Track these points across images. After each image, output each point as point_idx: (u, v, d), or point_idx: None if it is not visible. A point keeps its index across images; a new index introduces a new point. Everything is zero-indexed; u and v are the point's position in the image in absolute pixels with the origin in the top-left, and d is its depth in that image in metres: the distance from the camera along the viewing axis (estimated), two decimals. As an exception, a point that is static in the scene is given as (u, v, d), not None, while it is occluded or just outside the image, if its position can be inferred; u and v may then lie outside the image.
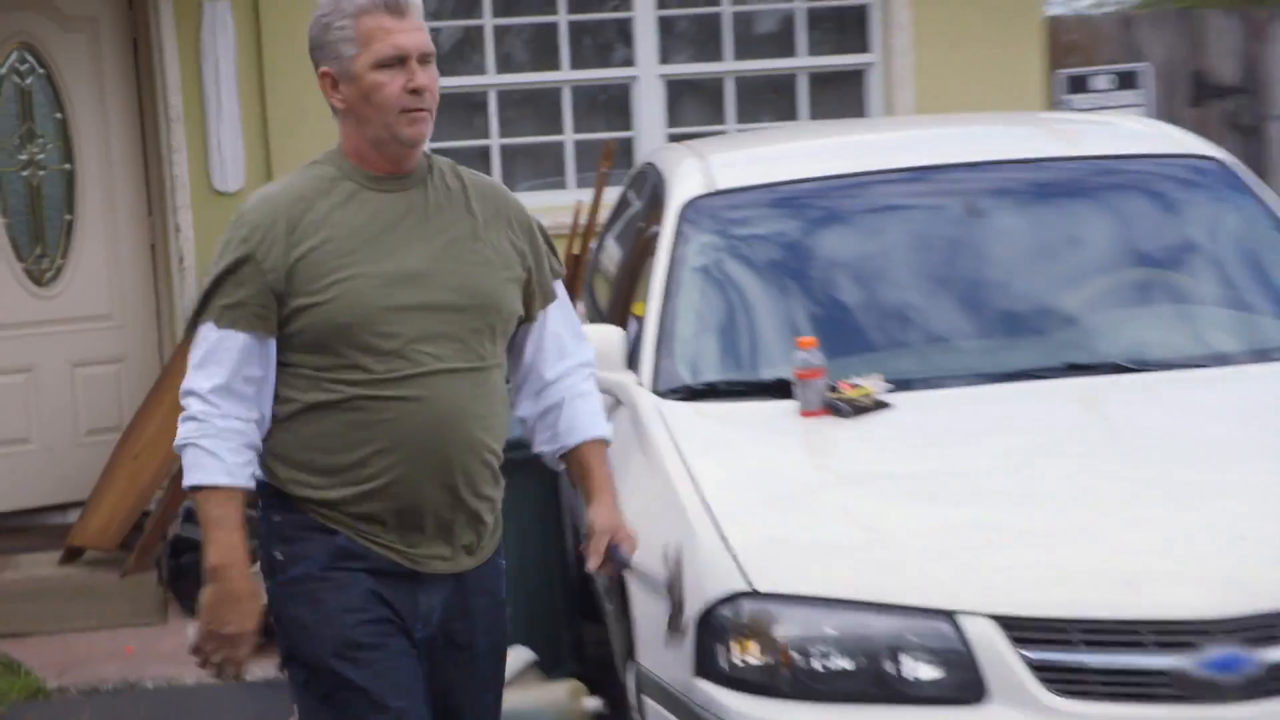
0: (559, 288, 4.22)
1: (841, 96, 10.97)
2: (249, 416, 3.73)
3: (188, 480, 3.74)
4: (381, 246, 3.78)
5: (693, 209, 6.41)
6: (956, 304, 6.20)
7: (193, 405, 3.69)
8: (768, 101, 11.06)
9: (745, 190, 6.52)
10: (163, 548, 8.85)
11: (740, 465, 5.39)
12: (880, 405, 5.48)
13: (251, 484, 3.79)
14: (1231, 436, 5.40)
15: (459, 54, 11.01)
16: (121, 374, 10.17)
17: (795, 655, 4.57)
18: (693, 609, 4.71)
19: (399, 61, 3.73)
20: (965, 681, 4.48)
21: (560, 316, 4.21)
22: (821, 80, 11.09)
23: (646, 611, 5.05)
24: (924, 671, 4.52)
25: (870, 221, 6.52)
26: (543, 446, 4.29)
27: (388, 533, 3.81)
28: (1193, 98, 12.11)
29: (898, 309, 6.20)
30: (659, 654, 4.96)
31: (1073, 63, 11.75)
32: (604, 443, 4.21)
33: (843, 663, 4.57)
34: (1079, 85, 11.61)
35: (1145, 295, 6.42)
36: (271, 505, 3.88)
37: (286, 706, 6.43)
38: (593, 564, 4.26)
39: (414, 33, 3.79)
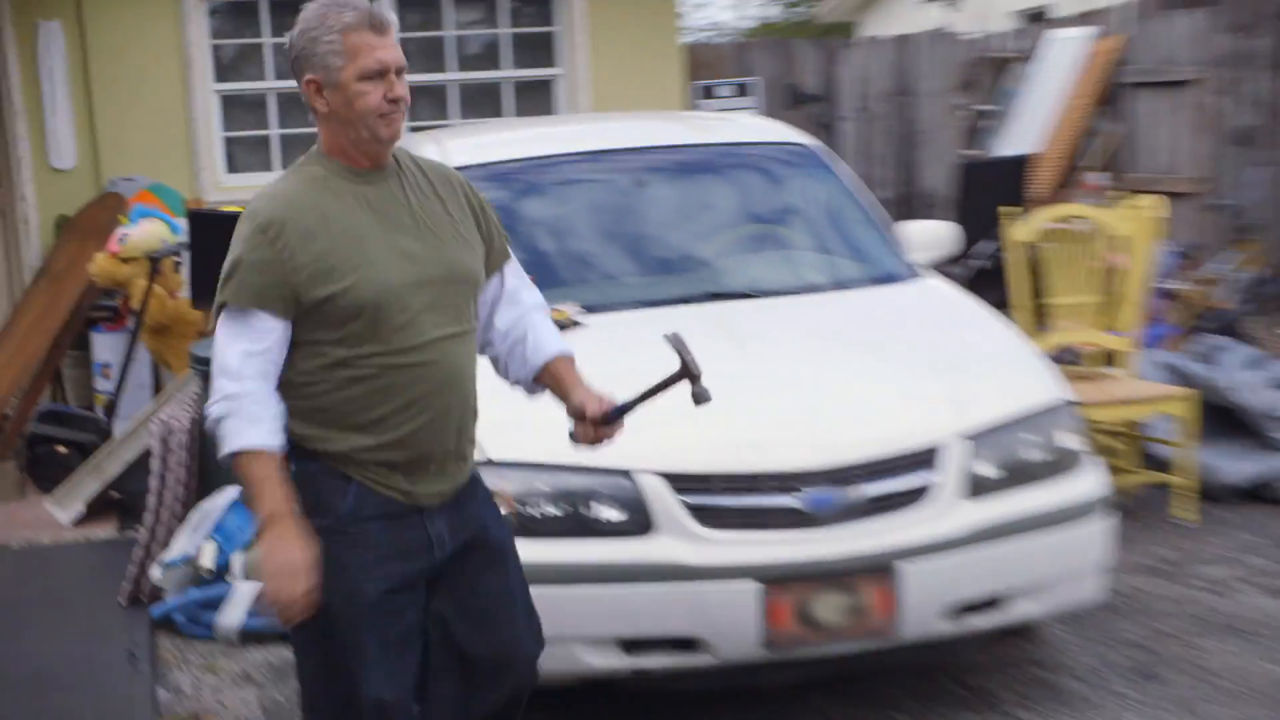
0: (507, 247, 4.20)
1: (536, 100, 11.38)
2: (271, 386, 3.65)
3: (231, 447, 3.62)
4: (381, 233, 3.75)
5: None
6: (627, 251, 6.67)
7: (226, 383, 3.62)
8: (481, 103, 11.42)
9: (472, 166, 6.35)
10: (20, 443, 9.08)
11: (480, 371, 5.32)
12: (575, 324, 5.86)
13: (284, 445, 3.69)
14: (821, 341, 6.01)
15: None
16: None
17: (519, 505, 5.04)
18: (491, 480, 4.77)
19: (380, 74, 3.68)
20: (640, 520, 5.01)
21: (514, 270, 4.19)
22: (521, 87, 11.50)
23: None
24: (609, 514, 5.04)
25: (563, 190, 6.86)
26: (517, 374, 4.22)
27: (394, 475, 3.76)
28: (789, 103, 13.05)
29: (585, 254, 6.61)
30: None
31: (703, 76, 12.49)
32: (568, 356, 4.15)
33: (552, 509, 5.07)
34: (709, 93, 12.43)
35: (759, 244, 6.87)
36: (290, 459, 3.71)
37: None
38: (597, 437, 4.13)
39: (393, 49, 3.73)
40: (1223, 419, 8.20)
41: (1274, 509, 7.80)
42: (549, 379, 4.14)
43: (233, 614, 6.36)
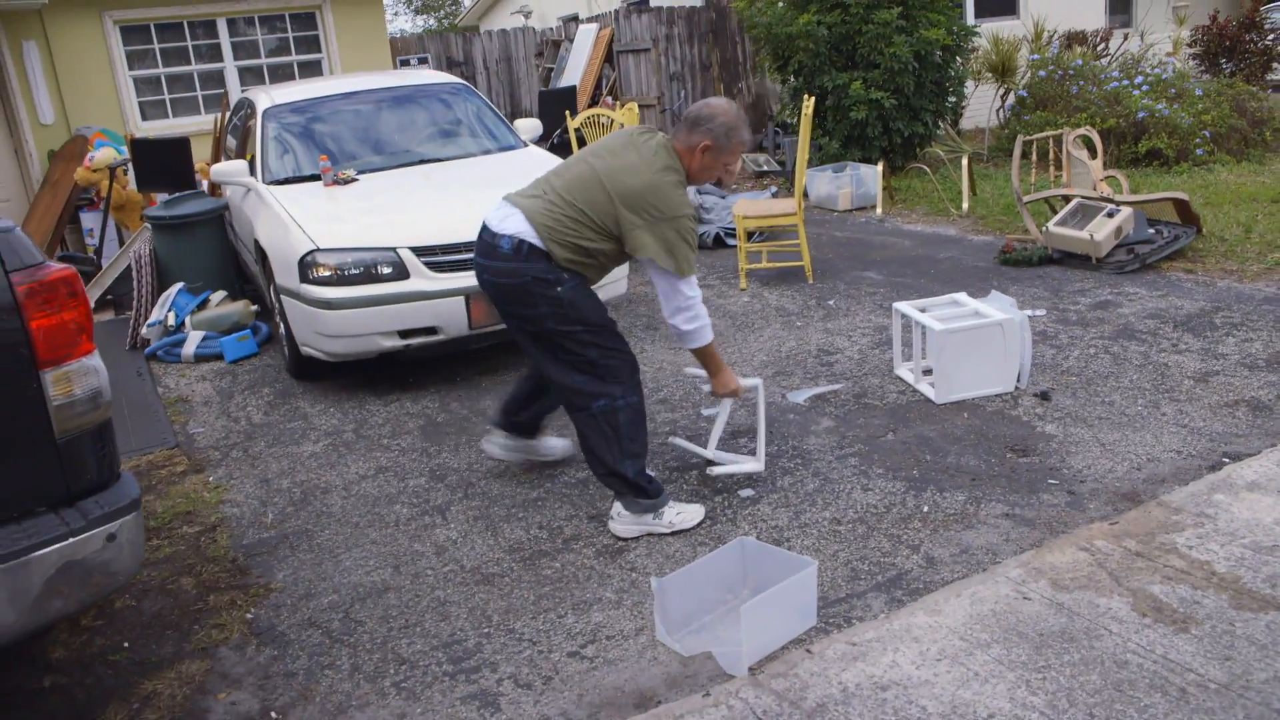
0: None
1: (312, 72, 10.98)
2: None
3: (708, 339, 3.45)
4: None
5: (268, 112, 6.44)
6: (374, 142, 6.42)
7: (700, 305, 3.39)
8: (280, 76, 10.94)
9: (289, 103, 6.51)
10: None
11: (305, 204, 5.49)
12: (353, 180, 5.83)
13: None
14: (482, 177, 5.92)
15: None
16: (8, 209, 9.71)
17: (337, 270, 5.08)
18: (297, 258, 5.14)
19: (726, 172, 3.45)
20: (402, 272, 5.09)
21: None
22: (301, 65, 11.04)
23: (278, 261, 5.38)
24: (386, 270, 5.09)
25: (337, 111, 6.54)
26: None
27: None
28: (447, 67, 12.41)
29: (354, 144, 6.34)
30: (285, 279, 5.32)
31: (399, 53, 11.97)
32: None
33: (356, 271, 5.09)
34: (405, 64, 11.91)
35: (441, 135, 6.60)
36: (553, 262, 3.33)
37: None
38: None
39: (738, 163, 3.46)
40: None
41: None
42: None
43: (189, 348, 6.25)
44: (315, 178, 5.91)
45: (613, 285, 5.63)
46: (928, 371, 4.53)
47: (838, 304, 6.16)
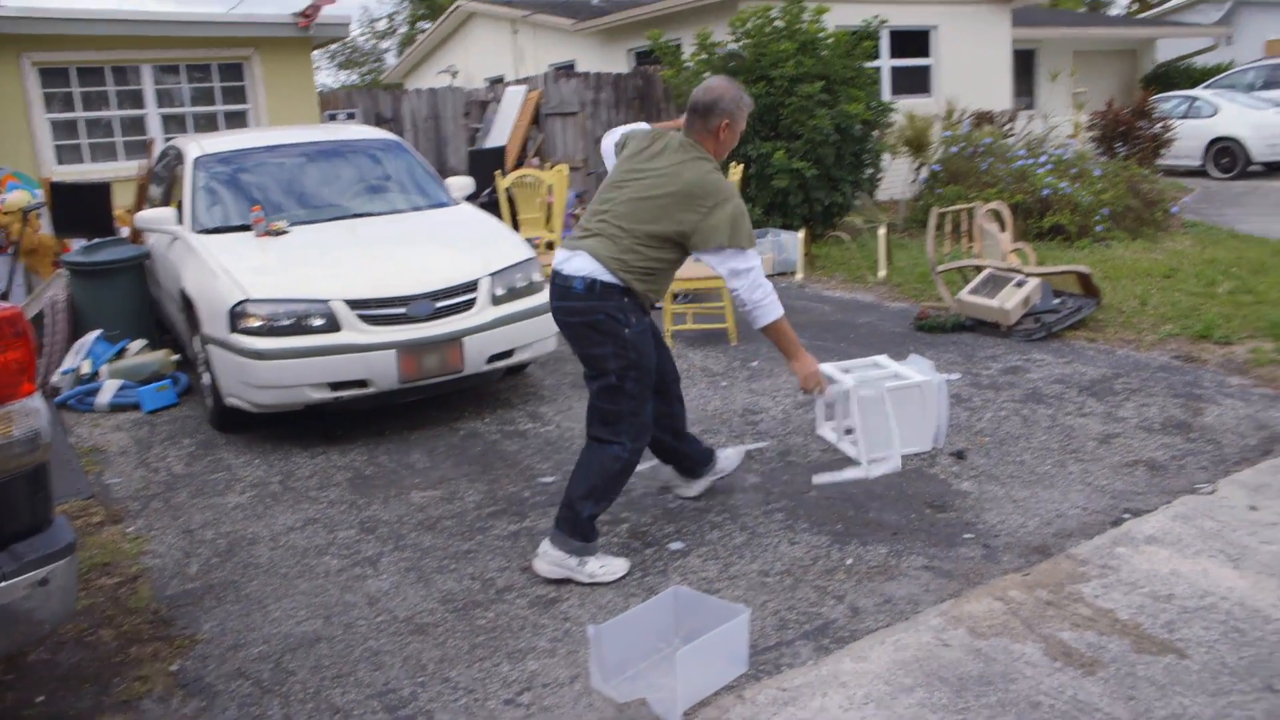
0: None
1: (239, 122, 10.82)
2: None
3: (779, 314, 3.55)
4: None
5: (199, 161, 6.44)
6: (304, 195, 6.41)
7: (766, 281, 3.54)
8: (205, 125, 10.80)
9: (219, 153, 6.52)
10: None
11: (236, 254, 5.52)
12: (285, 232, 5.86)
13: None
14: (412, 234, 6.03)
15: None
16: None
17: (268, 321, 5.11)
18: (227, 307, 5.15)
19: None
20: (333, 324, 5.14)
21: None
22: (228, 115, 10.92)
23: (205, 311, 5.38)
24: (318, 322, 5.14)
25: (272, 163, 6.55)
26: None
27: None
28: (376, 123, 12.42)
29: (284, 197, 6.33)
30: (213, 328, 5.32)
31: (328, 108, 11.91)
32: None
33: (286, 322, 5.13)
34: (332, 118, 11.74)
35: (371, 190, 6.62)
36: (634, 300, 3.54)
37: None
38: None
39: None
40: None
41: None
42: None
43: (104, 397, 6.15)
44: (245, 228, 5.92)
45: (541, 344, 5.71)
46: (849, 431, 4.70)
47: (761, 365, 6.35)
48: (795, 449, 4.85)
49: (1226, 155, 15.27)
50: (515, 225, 8.02)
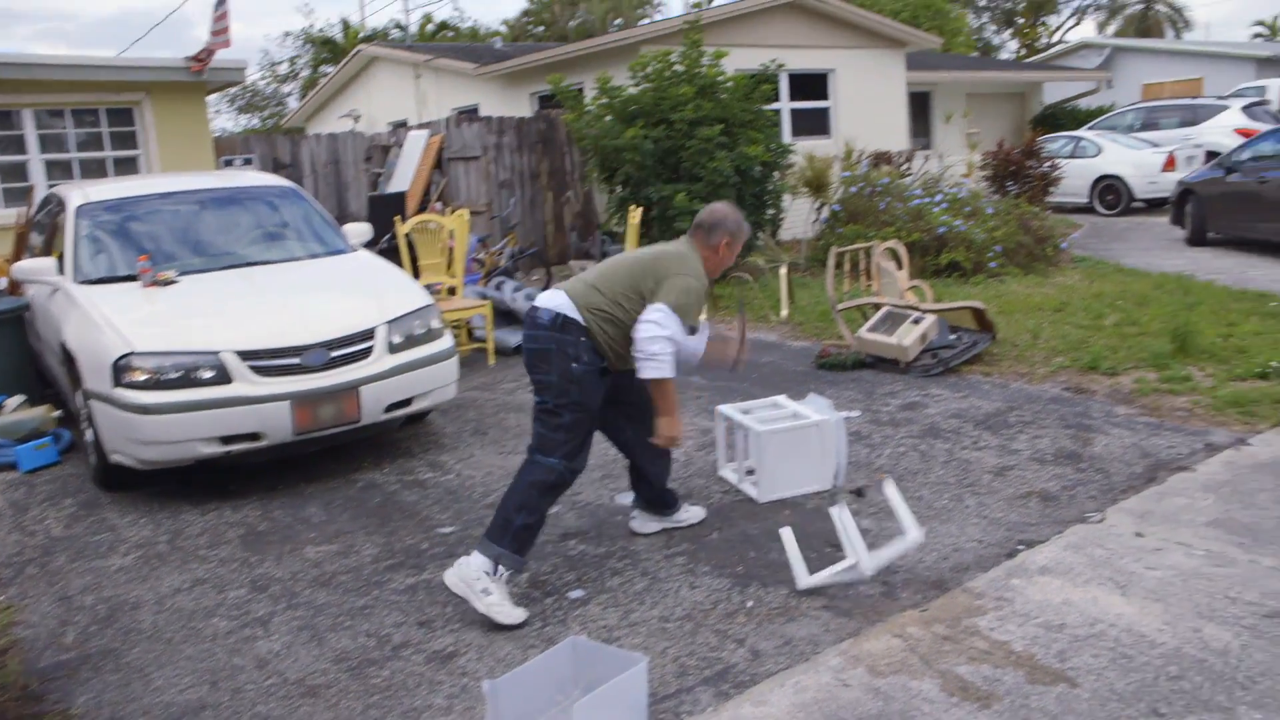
0: None
1: (129, 169, 10.45)
2: None
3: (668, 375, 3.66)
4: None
5: (82, 209, 6.29)
6: (195, 242, 6.31)
7: (668, 343, 3.64)
8: (94, 171, 10.37)
9: (104, 200, 6.38)
10: None
11: (120, 305, 5.40)
12: (174, 281, 5.75)
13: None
14: (307, 282, 5.98)
15: None
16: None
17: (154, 374, 4.97)
18: (111, 360, 5.00)
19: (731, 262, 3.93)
20: (223, 376, 5.03)
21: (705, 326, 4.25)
22: (117, 161, 10.52)
23: (88, 364, 5.24)
24: (206, 375, 5.02)
25: (160, 211, 6.44)
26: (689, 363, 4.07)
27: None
28: (273, 168, 12.09)
29: (173, 245, 6.22)
30: (96, 383, 5.17)
31: (224, 153, 11.65)
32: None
33: (174, 375, 5.00)
34: (229, 164, 11.49)
35: (266, 238, 6.54)
36: (591, 342, 3.73)
37: None
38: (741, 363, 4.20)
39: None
40: (506, 316, 8.69)
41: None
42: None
43: None
44: (132, 278, 5.77)
45: (440, 391, 5.66)
46: (750, 471, 4.72)
47: (665, 406, 6.33)
48: (696, 491, 4.86)
49: (1111, 192, 15.92)
50: (416, 271, 7.87)
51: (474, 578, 3.63)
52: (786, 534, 3.80)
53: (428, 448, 5.89)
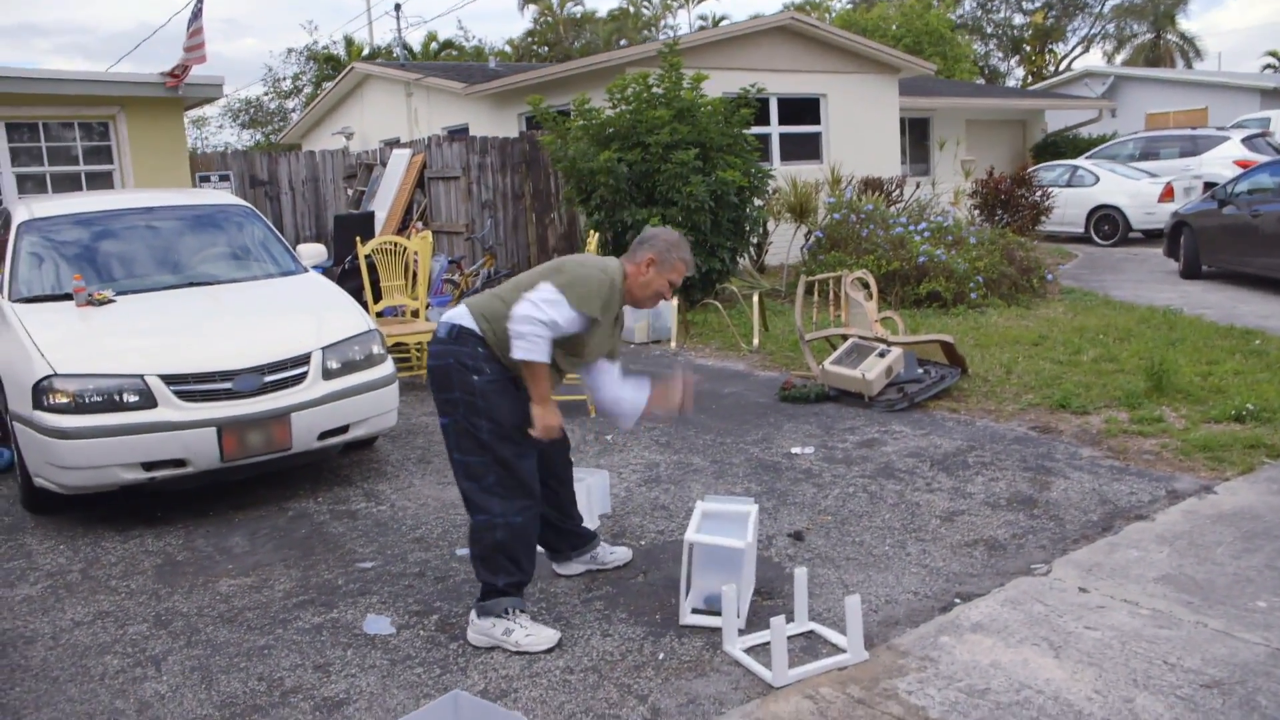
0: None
1: (102, 183, 10.37)
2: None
3: (540, 359, 3.44)
4: (608, 331, 3.68)
5: (25, 225, 6.24)
6: (142, 260, 6.24)
7: (545, 328, 3.40)
8: (65, 186, 10.17)
9: (49, 217, 6.33)
10: None
11: (50, 325, 5.33)
12: (110, 301, 5.67)
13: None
14: (250, 303, 5.90)
15: None
16: None
17: (75, 397, 4.86)
18: (32, 382, 4.89)
19: (668, 290, 3.70)
20: (148, 401, 4.92)
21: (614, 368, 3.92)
22: (89, 176, 10.42)
23: (11, 385, 5.16)
24: (130, 399, 4.90)
25: (107, 229, 6.38)
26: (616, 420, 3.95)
27: None
28: (251, 185, 12.23)
29: (116, 262, 6.17)
30: (19, 405, 5.06)
31: (201, 169, 11.65)
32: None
33: (97, 399, 4.89)
34: (205, 180, 11.56)
35: (219, 257, 6.50)
36: (490, 352, 3.55)
37: None
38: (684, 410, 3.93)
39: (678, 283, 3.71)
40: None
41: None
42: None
43: None
44: (68, 296, 5.68)
45: (379, 419, 5.53)
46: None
47: (615, 439, 6.19)
48: (630, 530, 4.66)
49: (1108, 223, 15.75)
50: (378, 294, 7.71)
51: (490, 627, 3.58)
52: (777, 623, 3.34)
53: (368, 475, 5.74)
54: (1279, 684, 3.14)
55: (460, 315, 3.59)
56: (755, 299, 8.76)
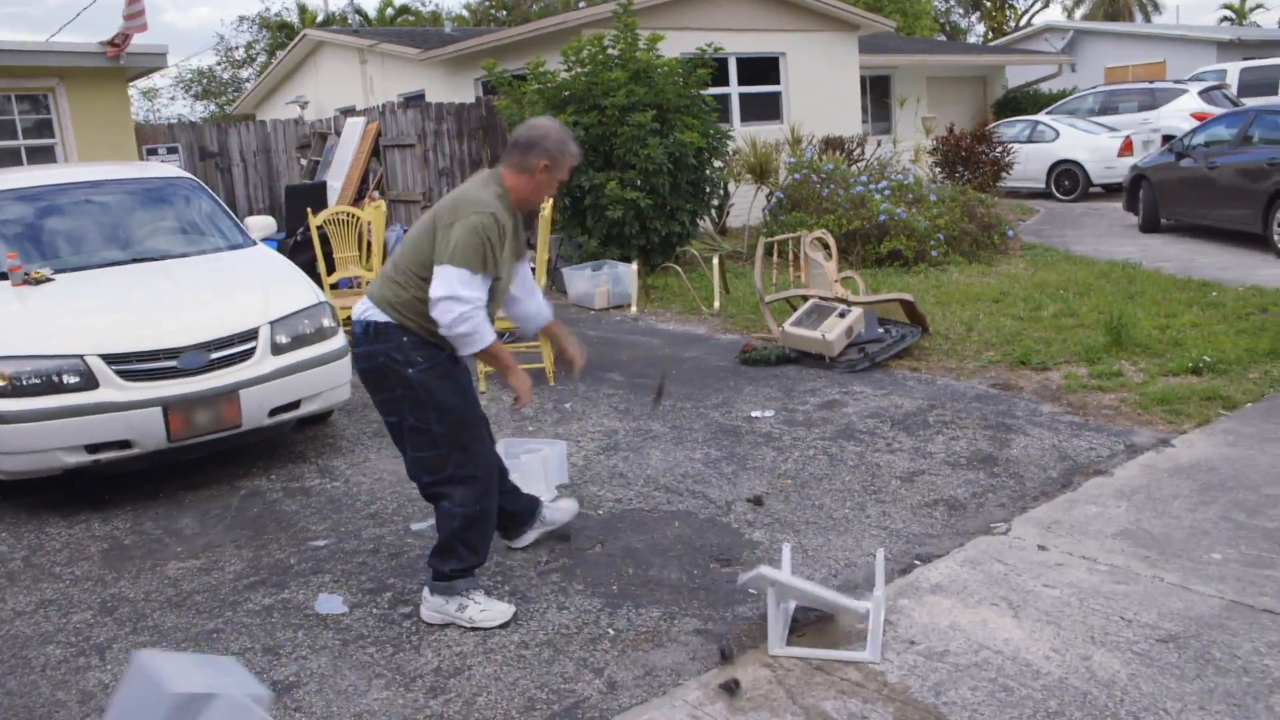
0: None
1: (44, 158, 9.98)
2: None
3: (487, 343, 3.35)
4: (513, 249, 3.49)
5: None
6: (81, 237, 6.08)
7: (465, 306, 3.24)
8: (7, 161, 9.80)
9: None
10: None
11: None
12: (48, 280, 5.51)
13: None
14: (196, 277, 5.78)
15: None
16: None
17: (12, 380, 4.72)
18: (0, 368, 4.68)
19: (561, 183, 3.50)
20: (91, 381, 4.77)
21: (524, 270, 3.72)
22: (30, 150, 10.10)
23: None
24: (71, 380, 4.76)
25: (45, 205, 6.19)
26: (524, 330, 3.94)
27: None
28: (201, 157, 12.08)
29: (58, 239, 6.02)
30: None
31: (146, 140, 11.35)
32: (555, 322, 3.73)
33: (35, 380, 4.75)
34: (152, 153, 11.31)
35: (154, 234, 6.32)
36: (414, 338, 3.39)
37: None
38: (577, 370, 3.84)
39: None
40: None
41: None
42: (546, 335, 3.89)
43: None
44: (4, 276, 5.50)
45: (332, 393, 5.42)
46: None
47: (574, 407, 6.12)
48: (589, 499, 4.60)
49: (1068, 178, 15.76)
50: (331, 265, 7.55)
51: (443, 603, 3.52)
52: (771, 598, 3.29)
53: (322, 451, 5.65)
54: (1232, 636, 3.14)
55: (369, 311, 3.42)
56: (716, 261, 8.68)
